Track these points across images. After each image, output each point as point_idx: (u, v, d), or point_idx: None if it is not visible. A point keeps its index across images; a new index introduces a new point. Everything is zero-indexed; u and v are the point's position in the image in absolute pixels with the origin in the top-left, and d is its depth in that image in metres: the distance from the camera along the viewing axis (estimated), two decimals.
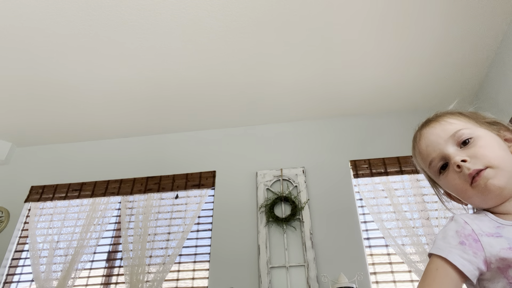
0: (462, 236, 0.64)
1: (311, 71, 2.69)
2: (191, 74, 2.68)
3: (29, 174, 3.20)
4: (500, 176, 0.64)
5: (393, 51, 2.54)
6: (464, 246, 0.62)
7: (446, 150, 0.69)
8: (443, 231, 0.67)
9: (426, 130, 0.74)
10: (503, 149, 0.67)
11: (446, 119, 0.73)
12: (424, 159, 0.74)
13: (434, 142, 0.71)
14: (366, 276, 2.35)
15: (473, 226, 0.64)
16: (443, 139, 0.70)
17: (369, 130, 3.02)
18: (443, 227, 0.69)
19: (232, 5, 2.19)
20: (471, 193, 0.66)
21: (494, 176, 0.64)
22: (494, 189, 0.64)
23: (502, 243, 0.61)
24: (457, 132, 0.69)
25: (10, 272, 2.75)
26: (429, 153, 0.72)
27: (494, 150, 0.66)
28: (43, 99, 2.85)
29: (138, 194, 2.93)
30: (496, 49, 2.52)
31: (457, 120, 0.72)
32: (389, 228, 2.48)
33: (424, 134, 0.74)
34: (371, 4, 2.21)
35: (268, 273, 2.42)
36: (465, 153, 0.67)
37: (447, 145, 0.69)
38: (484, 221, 0.65)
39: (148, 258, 2.60)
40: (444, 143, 0.70)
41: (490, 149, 0.66)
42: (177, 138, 3.25)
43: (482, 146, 0.66)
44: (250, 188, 2.85)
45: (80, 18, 2.23)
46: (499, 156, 0.65)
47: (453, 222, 0.67)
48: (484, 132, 0.69)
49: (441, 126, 0.72)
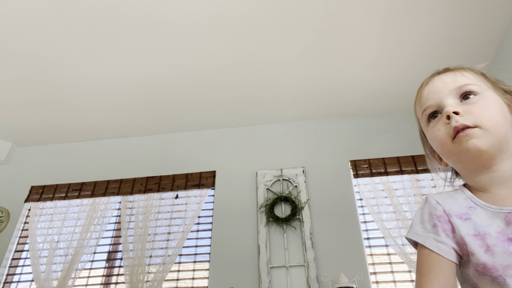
0: (435, 218, 0.62)
1: (311, 71, 2.69)
2: (191, 74, 2.68)
3: (29, 174, 3.20)
4: (485, 138, 0.59)
5: (394, 51, 2.54)
6: (436, 229, 0.61)
7: (445, 100, 0.65)
8: (420, 214, 0.66)
9: (437, 76, 0.70)
10: (504, 117, 0.62)
11: (462, 71, 0.68)
12: (421, 105, 0.70)
13: (438, 89, 0.67)
14: (366, 276, 2.35)
15: (445, 207, 0.63)
16: (447, 89, 0.66)
17: (369, 130, 3.02)
18: (419, 209, 0.67)
19: (232, 6, 2.19)
20: (449, 148, 0.63)
21: (479, 137, 0.59)
22: (473, 149, 0.59)
23: (468, 228, 0.59)
24: (465, 85, 0.65)
25: (10, 272, 2.75)
26: (428, 99, 0.68)
27: (493, 113, 0.61)
28: (43, 99, 2.85)
29: (138, 194, 2.93)
30: (496, 49, 2.52)
31: (473, 76, 0.67)
32: (389, 228, 2.48)
33: (433, 80, 0.70)
34: (372, 4, 2.21)
35: (268, 273, 2.42)
36: (462, 107, 0.63)
37: (449, 95, 0.65)
38: (458, 200, 0.63)
39: (148, 258, 2.60)
40: (447, 92, 0.66)
41: (489, 111, 0.61)
42: (177, 138, 3.25)
43: (483, 106, 0.62)
44: (250, 188, 2.85)
45: (80, 18, 2.23)
46: (494, 119, 0.60)
47: (426, 204, 0.65)
48: (493, 95, 0.64)
49: (454, 75, 0.67)
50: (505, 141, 0.60)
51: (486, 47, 2.51)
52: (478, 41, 2.46)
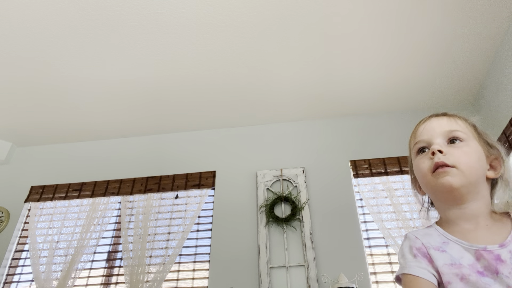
0: (415, 250, 0.71)
1: (311, 71, 2.69)
2: (191, 74, 2.68)
3: (29, 174, 3.20)
4: (458, 178, 0.69)
5: (393, 51, 2.54)
6: (417, 258, 0.70)
7: (434, 139, 0.75)
8: (401, 251, 0.75)
9: (435, 118, 0.79)
10: (480, 166, 0.72)
11: (457, 119, 0.78)
12: (414, 138, 0.80)
13: (431, 128, 0.77)
14: (366, 276, 2.35)
15: (423, 240, 0.72)
16: (439, 130, 0.75)
17: (369, 130, 3.02)
18: (400, 247, 0.76)
19: (232, 5, 2.19)
20: (428, 180, 0.72)
21: (454, 175, 0.69)
22: (447, 185, 0.69)
23: (445, 259, 0.67)
24: (455, 131, 0.74)
25: (10, 272, 2.75)
26: (422, 135, 0.77)
27: (471, 159, 0.71)
28: (43, 99, 2.85)
29: (138, 194, 2.93)
30: (496, 49, 2.52)
31: (465, 125, 0.77)
32: (389, 228, 2.48)
33: (430, 120, 0.79)
34: (372, 5, 2.21)
35: (268, 273, 2.42)
36: (447, 148, 0.72)
37: (439, 136, 0.75)
38: (433, 236, 0.72)
39: (148, 258, 2.60)
40: (438, 133, 0.75)
41: (468, 157, 0.71)
42: (177, 138, 3.25)
43: (464, 152, 0.71)
44: (250, 188, 2.85)
45: (80, 18, 2.23)
46: (471, 166, 0.70)
47: (406, 239, 0.75)
48: (476, 145, 0.74)
49: (448, 120, 0.77)
50: (476, 184, 0.70)
51: (486, 47, 2.51)
52: (478, 41, 2.46)
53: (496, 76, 2.59)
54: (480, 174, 0.71)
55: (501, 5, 2.22)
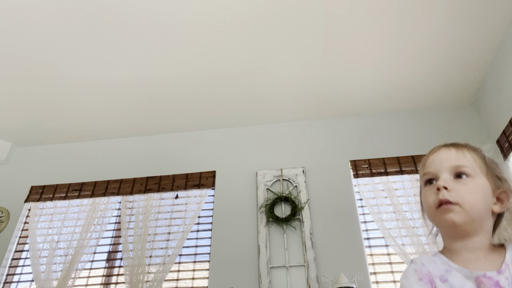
0: (420, 274, 0.73)
1: (311, 71, 2.69)
2: (191, 74, 2.68)
3: (29, 174, 3.20)
4: (461, 216, 0.71)
5: (393, 51, 2.54)
6: (422, 282, 0.72)
7: (441, 173, 0.76)
8: (405, 273, 0.77)
9: (444, 149, 0.80)
10: (485, 203, 0.73)
11: (465, 151, 0.78)
12: (423, 168, 0.82)
13: (439, 162, 0.78)
14: (366, 276, 2.35)
15: (429, 268, 0.74)
16: (447, 164, 0.77)
17: (369, 130, 3.02)
18: (405, 270, 0.78)
19: (232, 5, 2.19)
20: (433, 213, 0.75)
21: (457, 213, 0.71)
22: (450, 222, 0.72)
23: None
24: (462, 167, 0.75)
25: (10, 272, 2.75)
26: (430, 166, 0.79)
27: (476, 197, 0.72)
28: (43, 99, 2.85)
29: (138, 194, 2.93)
30: (496, 49, 2.52)
31: (473, 158, 0.77)
32: (389, 228, 2.48)
33: (440, 151, 0.80)
34: (372, 4, 2.21)
35: (268, 273, 2.42)
36: (452, 184, 0.74)
37: (446, 170, 0.76)
38: (437, 264, 0.75)
39: (148, 258, 2.60)
40: (446, 167, 0.76)
41: (473, 195, 0.72)
42: (177, 138, 3.25)
43: (469, 189, 0.73)
44: (250, 188, 2.85)
45: (80, 18, 2.23)
46: (474, 204, 0.72)
47: (412, 263, 0.77)
48: (483, 181, 0.75)
49: (456, 154, 0.78)
50: (479, 221, 0.72)
51: (486, 48, 2.51)
52: (478, 41, 2.46)
53: (496, 76, 2.59)
54: (484, 210, 0.73)
55: (501, 6, 2.22)
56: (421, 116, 3.01)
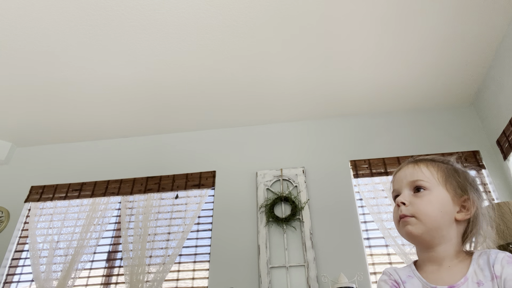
0: (389, 283, 0.79)
1: (311, 71, 2.69)
2: (191, 74, 2.68)
3: (29, 174, 3.20)
4: (418, 227, 0.75)
5: (393, 51, 2.54)
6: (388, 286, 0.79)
7: (402, 189, 0.82)
8: (378, 284, 0.82)
9: (405, 167, 0.85)
10: (444, 212, 0.76)
11: (422, 166, 0.82)
12: (392, 185, 0.88)
13: (400, 179, 0.84)
14: (366, 276, 2.36)
15: (396, 276, 0.80)
16: (406, 180, 0.82)
17: (369, 130, 3.02)
18: (378, 281, 0.84)
19: (232, 6, 2.19)
20: (397, 227, 0.81)
21: (413, 224, 0.76)
22: (408, 233, 0.76)
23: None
24: (417, 181, 0.80)
25: (10, 272, 2.75)
26: (395, 184, 0.86)
27: (431, 208, 0.76)
28: (43, 99, 2.85)
29: (138, 194, 2.93)
30: (496, 49, 2.52)
31: (429, 172, 0.81)
32: (389, 228, 2.48)
33: (401, 169, 0.86)
34: (372, 4, 2.21)
35: (268, 273, 2.42)
36: (411, 198, 0.79)
37: (406, 186, 0.81)
38: (405, 271, 0.81)
39: (148, 258, 2.60)
40: (405, 183, 0.82)
41: (429, 206, 0.76)
42: (177, 138, 3.25)
43: (425, 201, 0.77)
44: (250, 188, 2.85)
45: (80, 18, 2.23)
46: (429, 214, 0.75)
47: (383, 274, 0.83)
48: (441, 192, 0.78)
49: (413, 170, 0.82)
50: (439, 230, 0.75)
51: (486, 48, 2.51)
52: (478, 41, 2.46)
53: (496, 77, 2.59)
54: (443, 219, 0.76)
55: (501, 6, 2.22)
56: (421, 116, 3.01)
